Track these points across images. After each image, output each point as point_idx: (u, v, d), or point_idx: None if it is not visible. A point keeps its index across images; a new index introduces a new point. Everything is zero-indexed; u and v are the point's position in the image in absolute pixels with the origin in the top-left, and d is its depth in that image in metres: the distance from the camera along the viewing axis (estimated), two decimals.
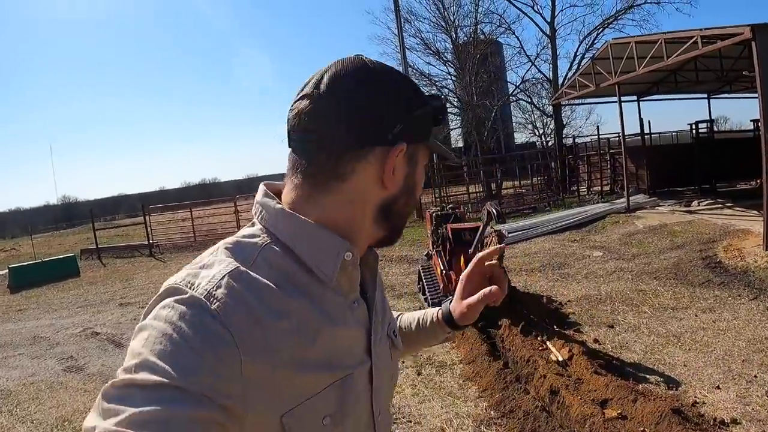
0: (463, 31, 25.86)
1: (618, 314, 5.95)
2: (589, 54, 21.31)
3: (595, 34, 23.85)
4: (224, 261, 0.71)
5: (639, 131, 17.52)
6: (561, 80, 23.18)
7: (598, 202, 15.41)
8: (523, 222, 13.27)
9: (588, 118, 36.31)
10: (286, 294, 0.71)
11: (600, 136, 20.06)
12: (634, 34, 17.26)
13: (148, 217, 17.80)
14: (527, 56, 25.34)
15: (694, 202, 12.95)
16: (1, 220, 45.12)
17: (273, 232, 0.76)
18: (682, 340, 4.98)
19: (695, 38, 10.19)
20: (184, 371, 0.60)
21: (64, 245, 23.58)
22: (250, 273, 0.70)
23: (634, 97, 17.92)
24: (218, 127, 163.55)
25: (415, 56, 26.54)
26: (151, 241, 17.28)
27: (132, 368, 0.61)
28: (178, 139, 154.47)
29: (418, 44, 25.71)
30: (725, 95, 18.77)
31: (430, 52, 25.91)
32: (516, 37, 31.50)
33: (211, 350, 0.62)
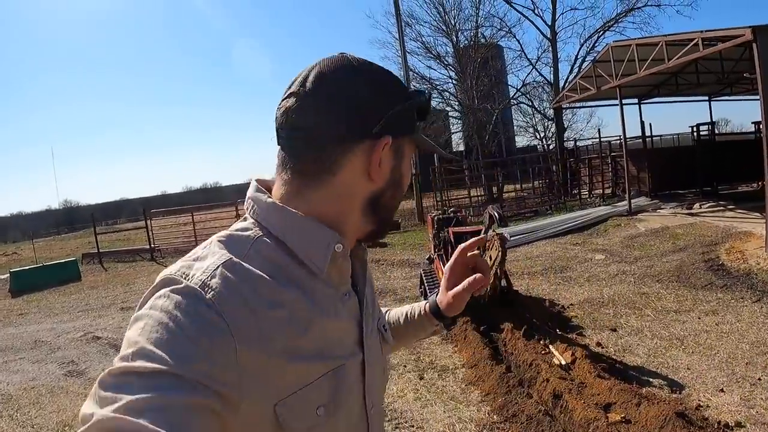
0: (464, 34, 25.85)
1: (621, 317, 5.93)
2: (590, 57, 21.29)
3: (595, 37, 23.86)
4: (218, 253, 0.72)
5: (640, 134, 17.55)
6: (562, 83, 23.22)
7: (599, 205, 15.40)
8: (525, 225, 13.25)
9: (589, 121, 36.47)
10: (278, 285, 0.72)
11: (601, 139, 20.11)
12: (634, 37, 17.33)
13: (150, 221, 17.81)
14: (528, 59, 25.33)
15: (696, 205, 12.93)
16: (2, 224, 45.22)
17: (265, 226, 0.77)
18: (685, 343, 4.96)
19: (696, 40, 10.20)
20: (181, 359, 0.61)
21: (65, 249, 23.59)
22: (244, 264, 0.71)
23: (635, 100, 17.95)
24: (220, 131, 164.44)
25: (416, 60, 26.57)
26: (153, 246, 17.29)
27: (129, 356, 0.62)
28: (180, 144, 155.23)
29: (419, 48, 25.69)
30: (726, 97, 18.81)
31: (431, 56, 25.87)
32: (517, 41, 31.24)
33: (207, 338, 0.63)
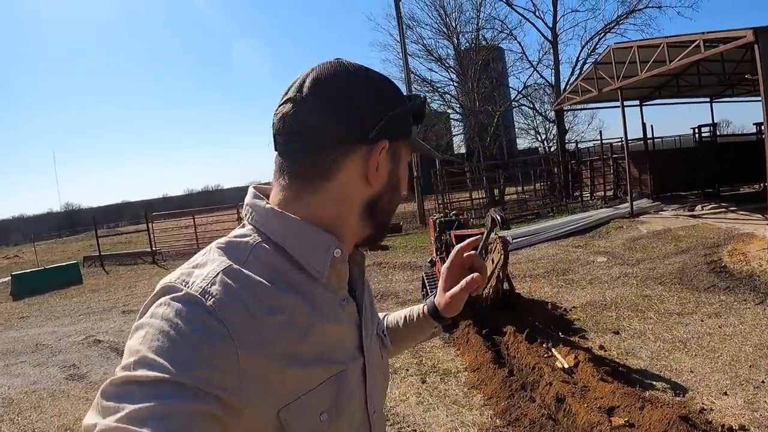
0: (465, 37, 25.88)
1: (623, 320, 5.90)
2: (591, 59, 21.31)
3: (596, 39, 23.87)
4: (217, 260, 0.73)
5: (642, 136, 17.52)
6: (563, 85, 23.21)
7: (601, 207, 15.38)
8: (527, 228, 13.22)
9: (590, 123, 36.37)
10: (278, 290, 0.72)
11: (603, 141, 20.08)
12: (635, 39, 17.33)
13: (151, 224, 17.82)
14: (529, 62, 25.35)
15: (698, 206, 12.89)
16: (4, 227, 45.25)
17: (264, 232, 0.77)
18: (688, 346, 4.94)
19: (697, 42, 10.20)
20: (182, 366, 0.61)
21: (67, 252, 23.63)
22: (243, 270, 0.71)
23: (637, 102, 17.95)
24: (221, 133, 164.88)
25: (417, 63, 26.70)
26: (154, 249, 17.30)
27: (130, 366, 0.62)
28: (181, 146, 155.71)
29: (420, 51, 25.71)
30: (728, 99, 18.80)
31: (432, 59, 25.90)
32: (518, 43, 31.48)
33: (208, 344, 0.64)
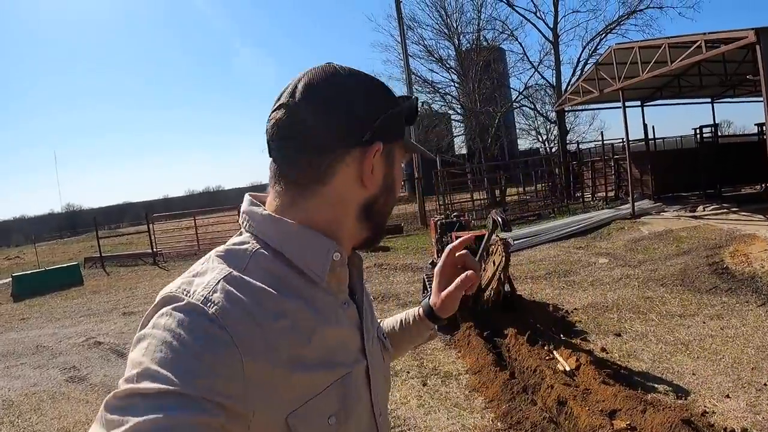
0: (466, 37, 25.91)
1: (625, 322, 5.88)
2: (593, 60, 21.30)
3: (598, 39, 23.88)
4: (217, 268, 0.72)
5: (643, 136, 17.49)
6: (564, 86, 23.18)
7: (602, 209, 15.35)
8: (528, 229, 13.21)
9: (592, 124, 36.51)
10: (280, 295, 0.72)
11: (604, 142, 20.08)
12: (637, 39, 17.30)
13: (152, 225, 17.81)
14: (530, 62, 25.38)
15: (700, 207, 12.87)
16: (5, 228, 45.24)
17: (262, 238, 0.77)
18: (690, 348, 4.92)
19: (699, 42, 10.18)
20: (186, 376, 0.60)
21: (68, 253, 23.65)
22: (244, 277, 0.71)
23: (638, 103, 17.93)
24: (221, 135, 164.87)
25: (418, 63, 26.65)
26: (155, 250, 17.29)
27: (133, 378, 0.61)
28: (182, 147, 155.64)
29: (421, 51, 25.72)
30: (729, 99, 18.77)
31: (433, 59, 25.92)
32: (519, 44, 31.49)
33: (212, 353, 0.63)
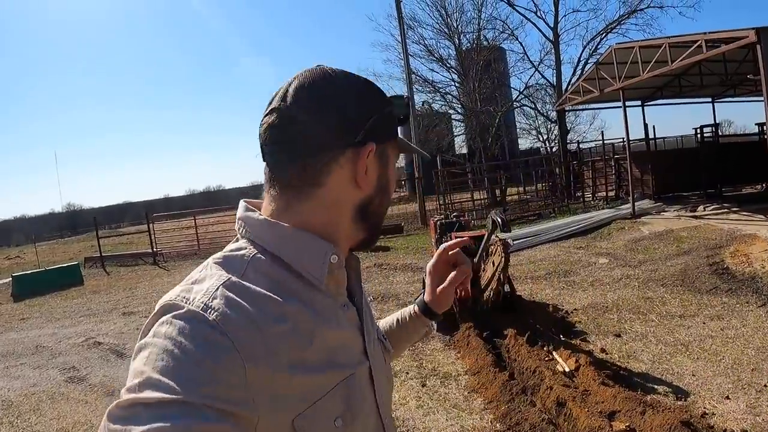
0: (467, 37, 25.86)
1: (625, 323, 5.87)
2: (593, 59, 21.26)
3: (598, 39, 23.81)
4: (216, 274, 0.72)
5: (643, 136, 17.50)
6: (565, 86, 23.13)
7: (603, 208, 15.33)
8: (528, 229, 13.20)
9: (592, 124, 36.52)
10: (279, 299, 0.72)
11: (604, 142, 20.07)
12: (637, 39, 17.28)
13: (152, 225, 17.81)
14: (531, 62, 25.32)
15: (700, 207, 12.85)
16: (5, 227, 45.30)
17: (259, 243, 0.77)
18: (690, 349, 4.91)
19: (699, 42, 10.16)
20: (189, 384, 0.60)
21: (68, 253, 23.65)
22: (243, 282, 0.71)
23: (639, 102, 17.92)
24: (222, 134, 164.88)
25: (419, 63, 26.63)
26: (155, 250, 17.28)
27: (135, 387, 0.61)
28: (182, 147, 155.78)
29: (422, 51, 25.68)
30: (730, 99, 18.76)
31: (434, 59, 25.87)
32: (519, 43, 31.44)
33: (214, 359, 0.63)
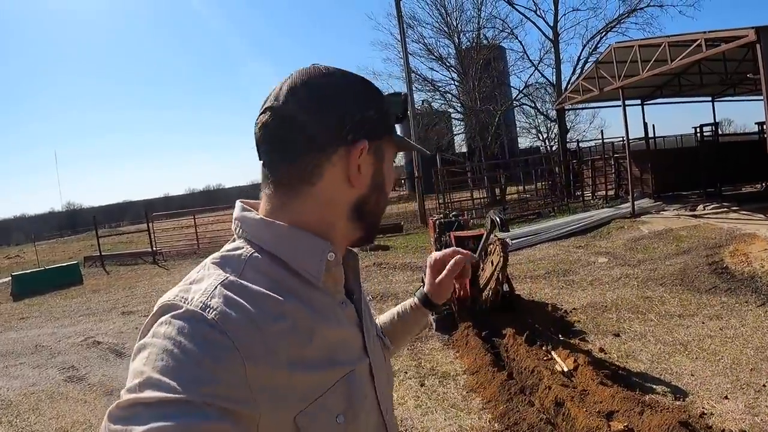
0: (466, 36, 25.87)
1: (624, 322, 5.87)
2: (593, 58, 21.25)
3: (598, 38, 23.84)
4: (213, 274, 0.72)
5: (643, 135, 17.47)
6: (564, 84, 23.16)
7: (602, 207, 15.33)
8: (528, 228, 13.19)
9: (592, 122, 36.48)
10: (278, 297, 0.72)
11: (604, 141, 20.05)
12: (637, 38, 17.28)
13: (152, 224, 17.79)
14: (530, 61, 25.35)
15: (700, 206, 12.84)
16: (5, 227, 45.24)
17: (256, 243, 0.77)
18: (689, 349, 4.90)
19: (699, 41, 10.15)
20: (189, 383, 0.60)
21: (68, 252, 23.65)
22: (241, 281, 0.71)
23: (638, 101, 17.90)
24: (222, 134, 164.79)
25: (418, 62, 26.62)
26: (155, 249, 17.27)
27: (136, 387, 0.61)
28: (182, 147, 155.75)
29: (421, 50, 25.69)
30: (730, 98, 18.74)
31: (433, 58, 25.87)
32: (519, 42, 31.26)
33: (214, 358, 0.63)
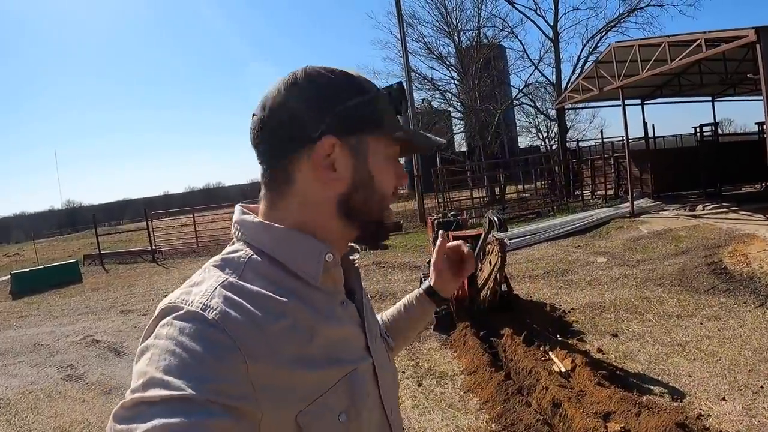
0: (466, 35, 25.81)
1: (622, 322, 5.87)
2: (593, 57, 21.22)
3: (598, 37, 23.77)
4: (214, 276, 0.73)
5: (643, 135, 17.47)
6: (564, 84, 23.12)
7: (602, 207, 15.33)
8: (527, 227, 13.17)
9: (592, 122, 36.50)
10: (278, 297, 0.73)
11: (604, 140, 20.04)
12: (637, 37, 17.26)
13: (151, 222, 17.78)
14: (530, 60, 25.28)
15: (699, 206, 12.83)
16: (5, 225, 45.18)
17: (255, 245, 0.78)
18: (687, 350, 4.90)
19: (699, 41, 10.14)
20: (192, 382, 0.61)
21: (67, 250, 23.61)
22: (241, 282, 0.72)
23: (638, 101, 17.89)
24: (222, 132, 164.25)
25: (418, 61, 26.55)
26: (154, 247, 17.25)
27: (139, 388, 0.62)
28: (182, 146, 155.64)
29: (421, 49, 25.62)
30: (729, 98, 18.73)
31: (433, 57, 25.81)
32: (519, 41, 31.32)
33: (216, 357, 0.64)
